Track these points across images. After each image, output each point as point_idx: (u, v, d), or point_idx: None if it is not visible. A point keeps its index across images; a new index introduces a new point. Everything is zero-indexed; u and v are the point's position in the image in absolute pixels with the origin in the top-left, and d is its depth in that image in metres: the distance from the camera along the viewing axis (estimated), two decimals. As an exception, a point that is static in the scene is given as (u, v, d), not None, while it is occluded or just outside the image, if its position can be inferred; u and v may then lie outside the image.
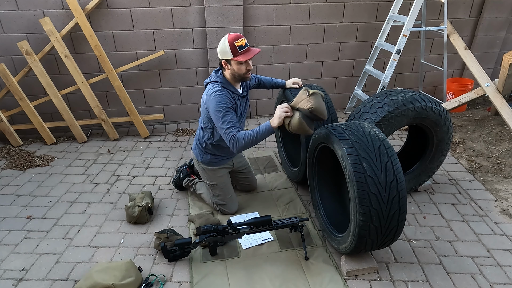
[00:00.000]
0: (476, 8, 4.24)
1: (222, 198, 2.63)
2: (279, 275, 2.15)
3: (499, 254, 2.30)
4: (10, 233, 2.53)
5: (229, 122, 2.24)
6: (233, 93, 2.36)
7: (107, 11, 3.59)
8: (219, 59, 2.32)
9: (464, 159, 3.37)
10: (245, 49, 2.23)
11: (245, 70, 2.29)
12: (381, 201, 1.87)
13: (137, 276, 2.07)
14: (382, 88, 3.75)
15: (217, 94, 2.26)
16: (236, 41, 2.19)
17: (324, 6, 3.94)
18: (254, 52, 2.25)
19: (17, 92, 3.53)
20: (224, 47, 2.22)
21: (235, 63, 2.25)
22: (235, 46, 2.20)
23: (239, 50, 2.21)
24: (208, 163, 2.58)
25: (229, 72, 2.32)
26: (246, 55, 2.23)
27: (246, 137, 2.20)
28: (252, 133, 2.19)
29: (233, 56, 2.22)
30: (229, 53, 2.21)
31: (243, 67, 2.27)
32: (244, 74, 2.31)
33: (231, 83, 2.37)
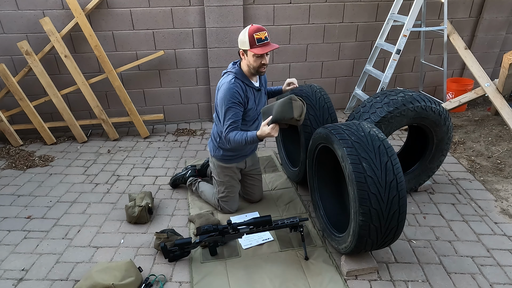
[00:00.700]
0: (476, 8, 4.24)
1: (225, 195, 2.62)
2: (279, 275, 2.15)
3: (499, 254, 2.30)
4: (10, 233, 2.53)
5: (229, 118, 2.27)
6: (247, 85, 2.34)
7: (107, 11, 3.59)
8: (239, 49, 2.31)
9: (464, 159, 3.37)
10: (263, 42, 2.21)
11: (260, 64, 2.27)
12: (381, 201, 1.87)
13: (137, 276, 2.07)
14: (382, 88, 3.75)
15: (228, 86, 2.26)
16: (256, 33, 2.18)
17: (324, 6, 3.94)
18: (271, 47, 2.22)
19: (17, 92, 3.53)
20: (243, 37, 2.21)
21: (251, 54, 2.23)
22: (254, 38, 2.18)
23: (257, 43, 2.19)
24: (220, 159, 2.55)
25: (245, 63, 2.30)
26: (263, 49, 2.20)
27: (234, 139, 2.28)
28: (240, 139, 2.26)
29: (250, 47, 2.20)
30: (247, 44, 2.20)
31: (259, 61, 2.25)
32: (259, 68, 2.29)
33: (246, 75, 2.35)
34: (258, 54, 2.21)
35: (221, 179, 2.60)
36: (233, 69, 2.35)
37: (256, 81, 2.43)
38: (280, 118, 2.09)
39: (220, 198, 2.65)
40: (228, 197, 2.63)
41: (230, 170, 2.59)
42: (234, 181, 2.63)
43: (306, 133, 2.62)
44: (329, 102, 2.70)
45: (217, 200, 2.67)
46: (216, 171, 2.61)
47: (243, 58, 2.31)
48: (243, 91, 2.31)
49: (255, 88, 2.41)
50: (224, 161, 2.55)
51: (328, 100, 2.71)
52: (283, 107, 2.08)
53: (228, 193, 2.62)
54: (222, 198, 2.64)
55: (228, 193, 2.62)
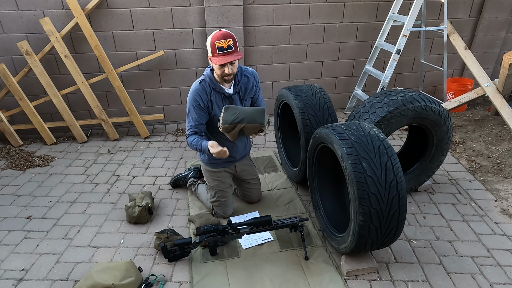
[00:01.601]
0: (476, 8, 4.24)
1: (216, 200, 2.58)
2: (279, 275, 2.15)
3: (499, 254, 2.30)
4: (10, 233, 2.53)
5: (189, 121, 2.32)
6: (214, 89, 2.28)
7: (107, 11, 3.59)
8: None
9: (464, 159, 3.37)
10: (225, 51, 2.08)
11: (222, 72, 2.17)
12: (381, 201, 1.88)
13: (137, 276, 2.07)
14: (382, 88, 3.75)
15: (192, 88, 2.28)
16: (218, 41, 2.07)
17: (324, 6, 3.94)
18: (231, 58, 2.09)
19: (17, 92, 3.53)
20: (208, 44, 2.16)
21: (213, 62, 2.16)
22: (215, 46, 2.08)
23: (217, 51, 2.09)
24: (206, 163, 2.54)
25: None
26: (221, 59, 2.09)
27: (192, 145, 2.30)
28: (196, 145, 2.27)
29: (211, 55, 2.15)
30: (209, 51, 2.15)
31: (221, 69, 2.16)
32: (222, 75, 2.19)
33: (216, 80, 2.28)
34: (214, 63, 2.13)
35: (210, 183, 2.57)
36: (205, 71, 2.32)
37: (230, 87, 2.33)
38: (250, 120, 2.13)
39: (212, 202, 2.62)
40: (220, 201, 2.58)
41: (219, 175, 2.55)
42: (223, 186, 2.57)
43: (306, 133, 2.62)
44: (329, 102, 2.70)
45: (211, 204, 2.64)
46: (205, 175, 2.60)
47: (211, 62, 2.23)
48: (206, 94, 2.26)
49: (225, 94, 2.31)
50: (210, 165, 2.53)
51: (328, 100, 2.70)
52: (256, 111, 2.15)
53: (218, 198, 2.58)
54: (214, 203, 2.61)
55: (218, 198, 2.58)
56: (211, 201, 2.61)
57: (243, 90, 2.40)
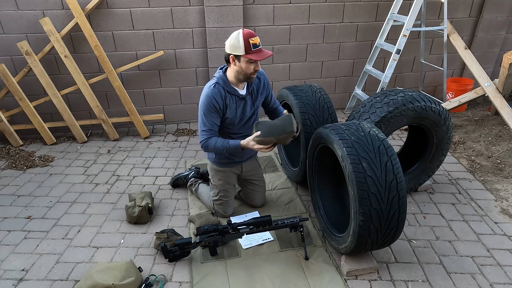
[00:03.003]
0: (476, 8, 4.24)
1: (219, 199, 2.58)
2: (279, 275, 2.15)
3: (499, 254, 2.30)
4: (10, 233, 2.53)
5: (205, 124, 2.25)
6: (228, 92, 2.25)
7: (107, 11, 3.59)
8: (226, 54, 2.18)
9: (464, 159, 3.37)
10: (258, 48, 2.12)
11: (253, 70, 2.17)
12: (381, 201, 1.88)
13: (137, 276, 2.07)
14: (382, 88, 3.75)
15: (206, 92, 2.22)
16: (251, 38, 2.08)
17: (324, 6, 3.94)
18: (267, 54, 2.13)
19: (17, 92, 3.53)
20: (236, 42, 2.09)
21: (245, 60, 2.12)
22: (250, 43, 2.07)
23: (252, 48, 2.09)
24: (213, 161, 2.52)
25: (235, 69, 2.19)
26: (259, 55, 2.11)
27: (215, 147, 2.27)
28: (222, 146, 2.26)
29: (245, 53, 2.09)
30: (241, 49, 2.08)
31: (252, 67, 2.15)
32: (250, 74, 2.19)
33: (230, 82, 2.25)
34: (253, 59, 2.11)
35: (215, 182, 2.57)
36: (217, 74, 2.28)
37: (243, 89, 2.31)
38: (281, 132, 2.16)
39: (214, 201, 2.62)
40: (221, 201, 2.59)
41: (224, 174, 2.54)
42: (228, 186, 2.57)
43: (306, 133, 2.62)
44: (329, 102, 2.70)
45: (212, 202, 2.64)
46: (211, 173, 2.59)
47: (232, 64, 2.18)
48: (222, 98, 2.23)
49: (239, 96, 2.29)
50: (217, 164, 2.51)
51: (328, 100, 2.71)
52: (285, 121, 2.16)
53: (221, 197, 2.58)
54: (216, 202, 2.61)
55: (221, 197, 2.58)
56: (213, 199, 2.62)
57: (255, 92, 2.39)
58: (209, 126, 2.26)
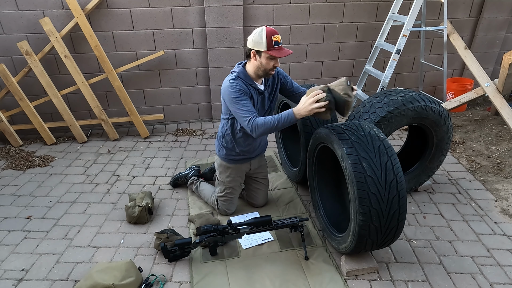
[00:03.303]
0: (476, 8, 4.24)
1: (224, 196, 2.60)
2: (279, 275, 2.15)
3: (499, 254, 2.30)
4: (10, 233, 2.53)
5: (245, 106, 2.19)
6: (249, 85, 2.28)
7: (107, 11, 3.59)
8: (247, 48, 2.23)
9: (464, 159, 3.37)
10: (279, 46, 2.18)
11: (272, 66, 2.22)
12: (381, 201, 1.88)
13: (137, 276, 2.07)
14: (382, 88, 3.75)
15: (229, 83, 2.22)
16: (274, 36, 2.14)
17: (324, 6, 3.94)
18: (287, 52, 2.19)
19: (17, 92, 3.53)
20: (259, 38, 2.14)
21: (265, 56, 2.18)
22: (272, 40, 2.14)
23: (274, 45, 2.15)
24: (223, 158, 2.52)
25: (255, 64, 2.24)
26: (280, 52, 2.17)
27: (266, 123, 2.14)
28: (273, 119, 2.14)
29: (267, 49, 2.15)
30: (264, 45, 2.14)
31: (272, 63, 2.20)
32: (269, 70, 2.24)
33: (250, 76, 2.29)
34: (274, 56, 2.17)
35: (223, 179, 2.59)
36: (236, 69, 2.31)
37: (261, 84, 2.36)
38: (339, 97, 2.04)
39: (219, 197, 2.63)
40: (227, 198, 2.61)
41: (233, 171, 2.55)
42: (235, 183, 2.59)
43: (306, 133, 2.62)
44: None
45: (216, 199, 2.65)
46: (219, 170, 2.60)
47: (253, 59, 2.23)
48: (247, 87, 2.27)
49: (258, 90, 2.34)
50: (227, 160, 2.52)
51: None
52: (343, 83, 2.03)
53: (227, 194, 2.60)
54: (220, 198, 2.63)
55: (227, 194, 2.60)
56: (218, 196, 2.62)
57: (270, 87, 2.43)
58: (248, 107, 2.20)
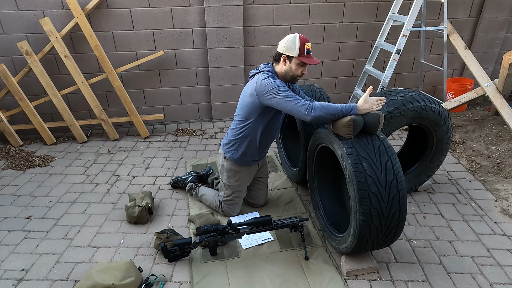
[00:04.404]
0: (476, 8, 4.24)
1: (231, 199, 2.59)
2: (279, 275, 2.15)
3: (499, 254, 2.30)
4: (10, 233, 2.53)
5: (293, 95, 2.15)
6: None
7: (107, 11, 3.59)
8: (278, 53, 2.26)
9: (464, 159, 3.37)
10: (309, 54, 2.24)
11: (300, 73, 2.27)
12: (381, 200, 1.88)
13: (137, 276, 2.07)
14: (382, 88, 3.75)
15: (270, 79, 2.22)
16: (306, 44, 2.21)
17: (324, 6, 3.94)
18: (316, 61, 2.24)
19: (17, 92, 3.53)
20: (292, 44, 2.20)
21: (296, 62, 2.22)
22: (304, 47, 2.20)
23: (305, 53, 2.21)
24: (235, 161, 2.48)
25: (284, 68, 2.27)
26: (310, 60, 2.23)
27: (325, 107, 2.05)
28: (335, 107, 2.05)
29: (298, 55, 2.20)
30: (296, 51, 2.19)
31: (300, 70, 2.25)
32: (297, 75, 2.28)
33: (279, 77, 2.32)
34: (305, 63, 2.22)
35: (231, 183, 2.55)
36: (267, 68, 2.32)
37: None
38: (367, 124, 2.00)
39: (224, 201, 2.62)
40: (233, 201, 2.60)
41: (243, 174, 2.54)
42: (243, 187, 2.60)
43: (306, 133, 2.62)
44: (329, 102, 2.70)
45: (221, 202, 2.64)
46: (227, 174, 2.54)
47: (282, 63, 2.26)
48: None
49: None
50: (240, 163, 2.49)
51: (328, 100, 2.71)
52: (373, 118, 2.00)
53: (234, 197, 2.59)
54: (226, 202, 2.61)
55: (234, 197, 2.59)
56: (224, 199, 2.61)
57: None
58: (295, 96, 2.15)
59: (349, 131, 1.97)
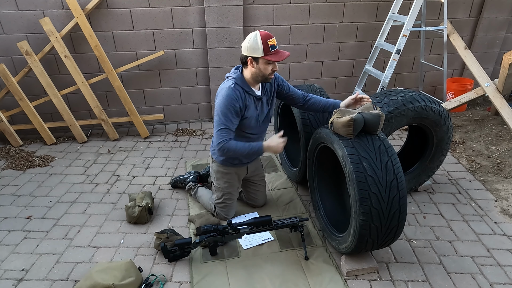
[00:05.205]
0: (476, 8, 4.24)
1: (222, 202, 2.56)
2: (279, 275, 2.15)
3: (499, 254, 2.30)
4: (10, 233, 2.53)
5: (224, 124, 2.18)
6: (247, 92, 2.24)
7: (107, 11, 3.59)
8: (243, 56, 2.17)
9: (464, 159, 3.37)
10: (276, 49, 2.13)
11: (270, 71, 2.18)
12: (381, 200, 1.88)
13: (137, 276, 2.07)
14: (382, 88, 3.75)
15: (227, 92, 2.17)
16: (269, 40, 2.09)
17: (324, 6, 3.94)
18: (284, 55, 2.13)
19: (17, 92, 3.53)
20: (255, 44, 2.09)
21: (263, 62, 2.13)
22: (268, 44, 2.09)
23: (271, 50, 2.10)
24: (221, 163, 2.48)
25: (253, 70, 2.18)
26: (277, 56, 2.12)
27: (236, 149, 2.20)
28: (243, 148, 2.21)
29: (264, 54, 2.09)
30: (260, 51, 2.09)
31: (270, 68, 2.16)
32: (268, 75, 2.19)
33: (247, 83, 2.25)
34: (273, 61, 2.12)
35: (220, 185, 2.53)
36: (233, 75, 2.26)
37: (258, 89, 2.32)
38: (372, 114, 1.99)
39: (216, 203, 2.59)
40: (225, 204, 2.56)
41: (230, 177, 2.51)
42: (232, 189, 2.54)
43: (306, 133, 2.62)
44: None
45: (214, 205, 2.62)
46: (216, 176, 2.54)
47: (250, 65, 2.18)
48: (242, 99, 2.22)
49: (256, 97, 2.30)
50: (225, 165, 2.47)
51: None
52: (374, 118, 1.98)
53: (225, 200, 2.55)
54: (218, 204, 2.58)
55: (225, 200, 2.55)
56: (216, 203, 2.59)
57: (268, 92, 2.38)
58: (229, 126, 2.19)
59: (350, 131, 1.97)
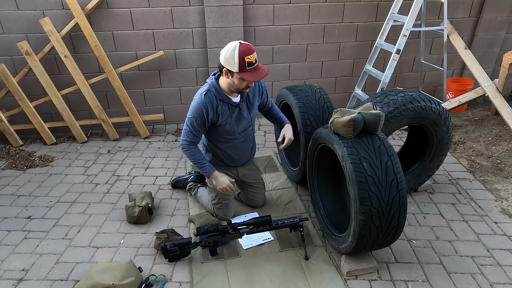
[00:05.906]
0: (476, 8, 4.24)
1: (218, 202, 2.55)
2: (279, 275, 2.15)
3: (499, 254, 2.30)
4: (10, 233, 2.53)
5: (190, 129, 2.23)
6: (220, 100, 2.19)
7: (107, 11, 3.59)
8: (220, 64, 2.08)
9: (464, 159, 3.37)
10: (253, 66, 2.02)
11: (245, 86, 2.10)
12: (381, 200, 1.88)
13: (137, 276, 2.07)
14: (382, 88, 3.75)
15: (198, 100, 2.15)
16: (247, 57, 1.97)
17: (324, 6, 3.94)
18: (261, 75, 2.03)
19: (17, 92, 3.53)
20: (231, 58, 1.98)
21: (237, 77, 2.05)
22: (245, 62, 1.97)
23: (247, 67, 1.99)
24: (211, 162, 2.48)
25: (227, 81, 2.11)
26: (252, 76, 2.01)
27: (191, 157, 2.30)
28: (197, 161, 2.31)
29: (238, 71, 2.00)
30: (236, 67, 1.99)
31: (245, 83, 2.08)
32: (242, 89, 2.12)
33: (222, 90, 2.19)
34: (247, 80, 2.02)
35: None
36: (209, 81, 2.19)
37: (236, 96, 2.25)
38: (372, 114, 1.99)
39: (213, 204, 2.59)
40: (221, 204, 2.55)
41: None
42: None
43: (306, 133, 2.62)
44: (329, 102, 2.70)
45: (212, 206, 2.61)
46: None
47: (225, 76, 2.09)
48: (213, 107, 2.16)
49: (232, 103, 2.23)
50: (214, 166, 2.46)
51: (328, 100, 2.71)
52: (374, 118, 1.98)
53: (220, 200, 2.54)
54: (215, 205, 2.58)
55: (220, 200, 2.54)
56: (213, 203, 2.59)
57: (250, 97, 2.33)
58: (194, 132, 2.25)
59: (350, 130, 1.97)
